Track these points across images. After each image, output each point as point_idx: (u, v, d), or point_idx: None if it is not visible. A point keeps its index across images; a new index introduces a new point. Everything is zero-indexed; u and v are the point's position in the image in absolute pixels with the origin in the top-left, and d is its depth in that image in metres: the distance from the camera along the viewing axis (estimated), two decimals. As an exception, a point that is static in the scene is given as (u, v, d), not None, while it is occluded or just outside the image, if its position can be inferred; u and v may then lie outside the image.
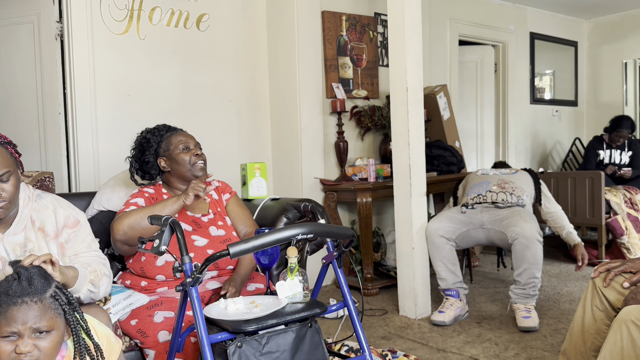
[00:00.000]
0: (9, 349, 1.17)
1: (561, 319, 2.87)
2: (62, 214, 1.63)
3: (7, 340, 1.17)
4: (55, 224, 1.60)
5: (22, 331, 1.18)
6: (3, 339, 1.17)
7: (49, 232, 1.59)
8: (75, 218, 1.65)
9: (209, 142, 3.44)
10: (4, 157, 1.45)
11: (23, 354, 1.17)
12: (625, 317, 1.47)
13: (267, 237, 1.35)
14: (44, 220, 1.59)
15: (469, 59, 5.29)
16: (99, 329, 1.36)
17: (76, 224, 1.65)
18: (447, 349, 2.52)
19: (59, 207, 1.64)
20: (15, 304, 1.17)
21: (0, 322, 1.17)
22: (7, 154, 1.47)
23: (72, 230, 1.63)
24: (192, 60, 3.51)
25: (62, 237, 1.60)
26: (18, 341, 1.18)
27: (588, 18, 6.22)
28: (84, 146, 3.11)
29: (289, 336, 1.48)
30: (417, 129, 2.99)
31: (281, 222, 2.21)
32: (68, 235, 1.62)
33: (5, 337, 1.17)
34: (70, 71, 3.06)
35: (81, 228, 1.66)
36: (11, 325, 1.17)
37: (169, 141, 2.08)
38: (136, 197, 2.02)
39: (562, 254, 4.47)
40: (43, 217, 1.60)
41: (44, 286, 1.22)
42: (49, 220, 1.60)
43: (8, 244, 1.52)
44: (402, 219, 3.04)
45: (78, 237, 1.64)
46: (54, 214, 1.62)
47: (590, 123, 6.37)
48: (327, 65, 3.84)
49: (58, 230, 1.60)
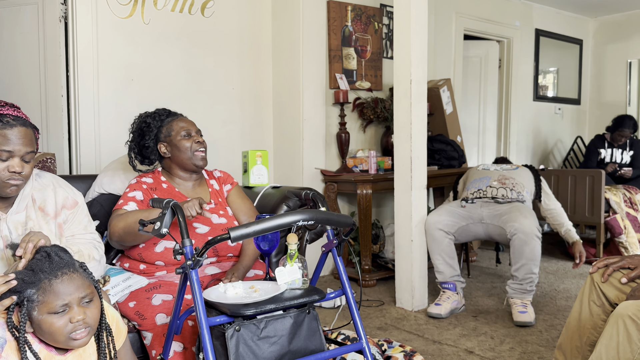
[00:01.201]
0: (64, 323, 1.21)
1: (557, 315, 2.88)
2: (61, 194, 1.66)
3: (59, 316, 1.20)
4: (55, 204, 1.63)
5: (72, 302, 1.21)
6: (55, 315, 1.20)
7: (48, 212, 1.61)
8: (73, 199, 1.69)
9: (211, 129, 3.44)
10: (31, 139, 1.52)
11: (79, 322, 1.21)
12: (622, 312, 1.47)
13: (267, 222, 1.36)
14: (45, 200, 1.62)
15: (473, 53, 5.28)
16: (110, 312, 1.38)
17: (74, 205, 1.68)
18: (442, 341, 2.54)
19: (58, 187, 1.67)
20: (57, 277, 1.21)
21: (49, 298, 1.20)
22: (33, 137, 1.54)
23: (71, 212, 1.66)
24: (196, 46, 3.50)
25: (60, 218, 1.63)
26: (69, 313, 1.21)
27: (594, 16, 6.20)
28: (85, 129, 3.11)
29: (287, 321, 1.48)
30: (420, 122, 2.99)
31: (282, 210, 2.21)
32: (66, 216, 1.65)
33: (56, 313, 1.20)
34: (73, 54, 3.06)
35: (79, 210, 1.69)
36: (61, 298, 1.20)
37: (170, 127, 2.06)
38: (134, 191, 2.00)
39: (560, 251, 4.48)
40: (44, 197, 1.62)
41: (71, 258, 1.27)
42: (49, 200, 1.63)
43: (11, 222, 1.54)
44: (401, 211, 3.04)
45: (75, 218, 1.67)
46: (54, 194, 1.65)
47: (592, 122, 6.36)
48: (331, 55, 3.83)
49: (57, 211, 1.63)
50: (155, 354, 1.68)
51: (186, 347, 1.65)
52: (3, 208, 1.55)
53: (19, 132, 1.47)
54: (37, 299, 1.20)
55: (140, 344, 1.80)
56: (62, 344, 1.22)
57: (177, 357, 1.63)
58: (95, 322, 1.27)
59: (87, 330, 1.23)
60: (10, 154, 1.46)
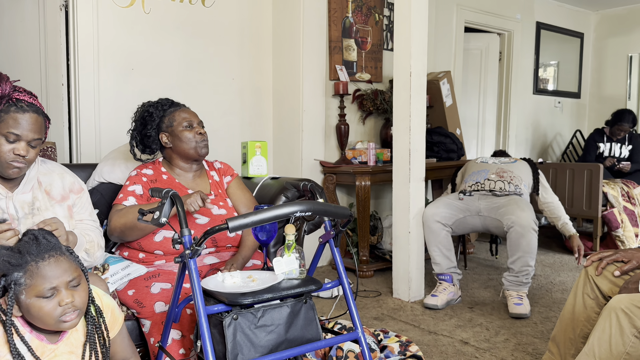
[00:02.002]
0: (52, 306, 1.20)
1: (552, 307, 2.91)
2: (68, 179, 1.74)
3: (47, 300, 1.19)
4: (62, 188, 1.71)
5: (60, 285, 1.20)
6: (43, 299, 1.19)
7: (54, 196, 1.68)
8: (79, 185, 1.77)
9: (211, 119, 3.44)
10: (40, 126, 1.57)
11: (67, 305, 1.21)
12: (615, 306, 1.49)
13: (266, 212, 1.37)
14: (51, 184, 1.69)
15: (474, 46, 5.27)
16: (104, 300, 1.38)
17: (80, 190, 1.76)
18: (438, 332, 2.56)
19: (65, 173, 1.75)
20: (44, 260, 1.20)
21: (36, 282, 1.18)
22: (43, 125, 1.59)
23: (78, 196, 1.74)
24: (196, 36, 3.50)
25: (69, 201, 1.71)
26: (57, 297, 1.20)
27: (595, 10, 6.18)
28: (86, 118, 3.11)
29: (284, 311, 1.50)
30: (419, 114, 3.00)
31: (280, 201, 2.23)
32: (74, 200, 1.73)
33: (45, 297, 1.19)
34: (74, 43, 3.05)
35: (84, 195, 1.77)
36: (49, 281, 1.19)
37: (172, 117, 2.07)
38: (134, 184, 2.01)
39: (557, 244, 4.51)
40: (50, 181, 1.69)
41: (58, 242, 1.27)
42: (56, 184, 1.70)
43: (17, 202, 1.61)
44: (399, 203, 3.06)
45: (82, 203, 1.75)
46: (60, 179, 1.72)
47: (592, 116, 6.36)
48: (332, 46, 3.83)
49: (65, 194, 1.70)
50: (154, 342, 1.71)
51: (184, 335, 1.67)
52: (9, 187, 1.62)
53: (30, 118, 1.54)
54: (25, 282, 1.18)
55: (139, 331, 1.82)
56: (52, 327, 1.22)
57: (175, 345, 1.65)
58: (84, 305, 1.26)
59: (76, 312, 1.23)
60: (18, 137, 1.52)
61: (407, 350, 2.18)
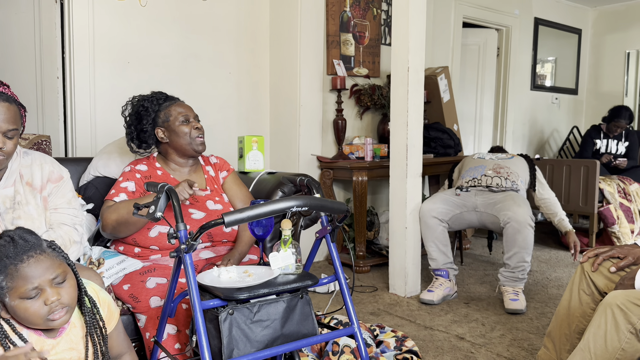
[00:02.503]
0: (38, 306, 1.16)
1: (548, 303, 2.92)
2: (47, 168, 1.70)
3: (32, 300, 1.16)
4: (41, 178, 1.68)
5: (43, 284, 1.17)
6: (29, 300, 1.16)
7: (36, 186, 1.66)
8: (59, 174, 1.72)
9: (207, 113, 3.43)
10: (16, 116, 1.54)
11: (54, 303, 1.17)
12: (611, 302, 1.49)
13: (262, 207, 1.37)
14: (32, 175, 1.67)
15: (472, 41, 5.26)
16: (101, 295, 1.35)
17: (59, 179, 1.71)
18: (434, 327, 2.57)
19: (44, 163, 1.71)
20: (23, 262, 1.16)
21: (18, 284, 1.15)
22: (19, 115, 1.56)
23: (55, 185, 1.70)
24: (193, 30, 3.48)
25: (45, 191, 1.67)
26: (42, 296, 1.17)
27: (593, 6, 6.17)
28: (81, 111, 3.10)
29: (280, 306, 1.50)
30: (416, 109, 2.99)
31: (277, 196, 2.22)
32: (51, 189, 1.69)
33: (29, 298, 1.16)
34: (69, 36, 3.03)
35: (64, 183, 1.72)
36: (30, 282, 1.15)
37: (168, 111, 2.04)
38: (127, 181, 1.98)
39: (553, 240, 4.52)
40: (31, 172, 1.67)
41: (37, 240, 1.22)
42: (36, 175, 1.67)
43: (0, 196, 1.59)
44: (396, 198, 3.06)
45: (60, 191, 1.70)
46: (40, 169, 1.69)
47: (589, 112, 6.37)
48: (329, 41, 3.81)
49: (43, 184, 1.67)
50: (149, 336, 1.70)
51: (179, 330, 1.67)
52: None
53: (1, 108, 1.49)
54: (6, 285, 1.15)
55: (135, 326, 1.82)
56: (42, 326, 1.19)
57: (171, 340, 1.65)
58: (72, 300, 1.22)
59: (64, 309, 1.19)
60: None
61: (403, 345, 2.18)
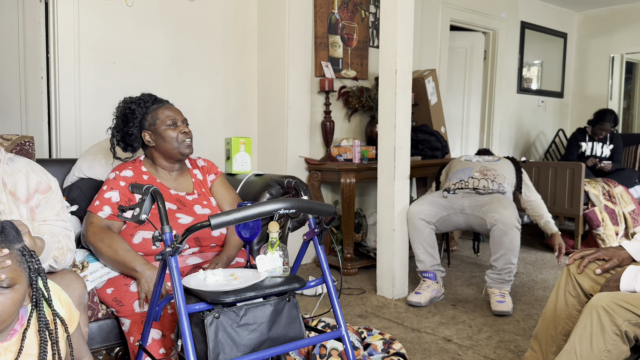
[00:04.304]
0: None
1: (534, 305, 2.93)
2: (34, 178, 1.61)
3: None
4: (27, 188, 1.59)
5: None
6: None
7: (19, 196, 1.57)
8: (47, 184, 1.64)
9: (194, 114, 3.40)
10: None
11: None
12: (597, 304, 1.50)
13: (249, 209, 1.35)
14: (16, 184, 1.58)
15: (459, 44, 5.29)
16: (62, 296, 1.29)
17: (48, 189, 1.63)
18: (421, 329, 2.57)
19: (31, 172, 1.62)
20: None
21: None
22: None
23: (44, 196, 1.61)
24: (180, 30, 3.45)
25: (32, 202, 1.59)
26: None
27: (579, 10, 6.24)
28: (65, 112, 3.05)
29: (267, 309, 1.49)
30: (404, 112, 2.99)
31: (264, 198, 2.20)
32: (39, 201, 1.60)
33: None
34: (54, 35, 2.99)
35: (52, 194, 1.64)
36: None
37: (155, 114, 2.00)
38: (111, 190, 1.93)
39: (539, 242, 4.55)
40: (15, 181, 1.58)
41: (15, 238, 1.15)
42: (21, 184, 1.58)
43: None
44: (384, 200, 3.06)
45: (49, 203, 1.62)
46: (25, 178, 1.60)
47: (574, 115, 6.44)
48: (317, 43, 3.81)
49: (29, 195, 1.59)
50: (134, 341, 1.68)
51: (164, 334, 1.65)
52: None
53: None
54: None
55: (119, 330, 1.80)
56: None
57: (156, 344, 1.63)
58: (6, 314, 1.09)
59: None
60: None
61: (391, 347, 2.18)
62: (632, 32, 5.91)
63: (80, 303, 1.50)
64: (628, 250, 1.75)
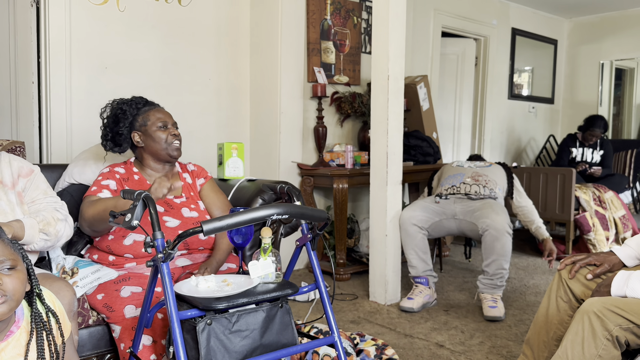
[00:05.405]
0: None
1: (526, 310, 2.94)
2: (16, 164, 1.71)
3: None
4: (11, 174, 1.68)
5: None
6: None
7: (6, 183, 1.66)
8: (29, 168, 1.74)
9: (186, 120, 3.40)
10: None
11: None
12: (588, 309, 1.51)
13: (241, 215, 1.35)
14: (1, 172, 1.66)
15: (450, 51, 5.32)
16: (57, 304, 1.31)
17: (30, 172, 1.73)
18: (414, 335, 2.57)
19: (12, 160, 1.72)
20: None
21: None
22: None
23: (27, 179, 1.71)
24: (172, 35, 3.45)
25: (18, 187, 1.68)
26: None
27: (569, 17, 6.31)
28: (57, 117, 3.03)
29: (259, 315, 1.48)
30: (397, 117, 3.00)
31: (257, 203, 2.20)
32: (24, 184, 1.70)
33: None
34: (45, 40, 2.97)
35: (36, 176, 1.74)
36: None
37: (146, 116, 2.03)
38: (107, 179, 1.98)
39: (531, 247, 4.57)
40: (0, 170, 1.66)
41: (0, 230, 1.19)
42: (5, 172, 1.67)
43: None
44: (376, 206, 3.06)
45: (33, 184, 1.71)
46: (9, 165, 1.69)
47: (565, 121, 6.49)
48: (310, 48, 3.82)
49: (14, 180, 1.67)
50: (124, 347, 1.66)
51: (155, 341, 1.64)
52: None
53: None
54: None
55: (109, 337, 1.78)
56: None
57: (147, 351, 1.62)
58: (15, 292, 1.13)
59: (3, 298, 1.12)
60: None
61: (383, 353, 2.17)
62: (622, 39, 5.98)
63: (70, 310, 1.49)
64: (619, 256, 1.76)
